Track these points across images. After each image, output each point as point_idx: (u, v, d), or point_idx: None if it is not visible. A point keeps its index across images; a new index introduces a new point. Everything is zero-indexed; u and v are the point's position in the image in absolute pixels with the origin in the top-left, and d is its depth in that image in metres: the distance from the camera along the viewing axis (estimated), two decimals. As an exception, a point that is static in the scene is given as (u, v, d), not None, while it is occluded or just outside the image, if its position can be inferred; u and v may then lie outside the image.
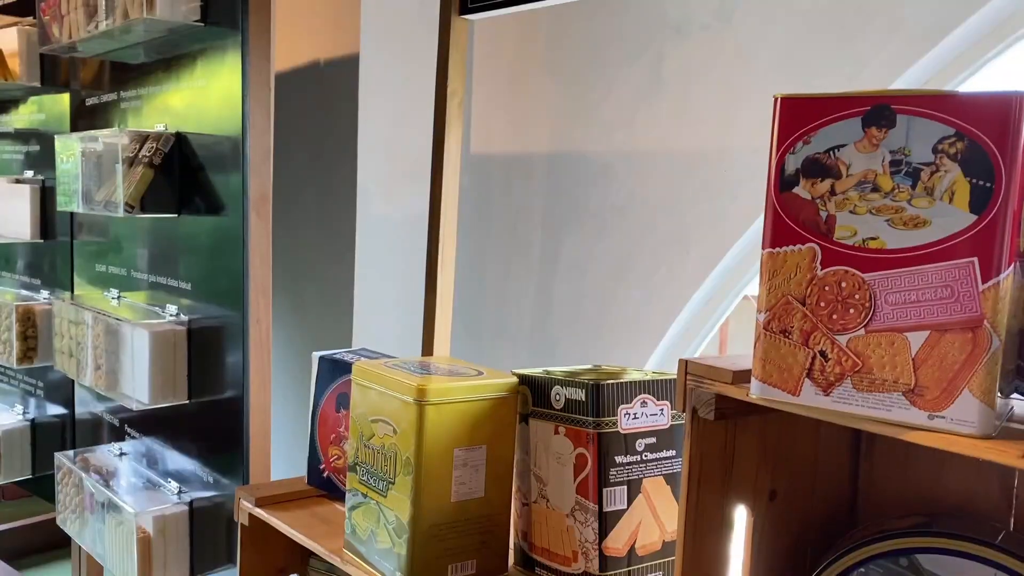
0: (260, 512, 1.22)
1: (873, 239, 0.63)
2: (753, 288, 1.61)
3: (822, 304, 0.65)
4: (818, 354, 0.66)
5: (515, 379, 1.04)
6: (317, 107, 2.22)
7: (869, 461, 0.92)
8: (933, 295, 0.61)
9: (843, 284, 0.64)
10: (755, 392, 0.69)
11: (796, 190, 0.66)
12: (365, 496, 1.05)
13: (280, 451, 1.74)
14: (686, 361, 0.78)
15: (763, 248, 0.68)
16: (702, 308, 1.70)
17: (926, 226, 0.61)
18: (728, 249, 1.61)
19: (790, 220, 0.66)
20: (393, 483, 1.00)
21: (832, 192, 0.65)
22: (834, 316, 0.65)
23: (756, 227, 1.56)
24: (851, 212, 0.64)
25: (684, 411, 0.78)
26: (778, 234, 0.67)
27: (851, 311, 0.64)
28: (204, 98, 1.55)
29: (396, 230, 2.12)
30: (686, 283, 1.66)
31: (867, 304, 0.63)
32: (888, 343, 0.63)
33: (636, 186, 1.70)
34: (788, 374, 0.67)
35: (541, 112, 1.86)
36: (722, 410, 0.75)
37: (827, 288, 0.65)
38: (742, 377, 0.73)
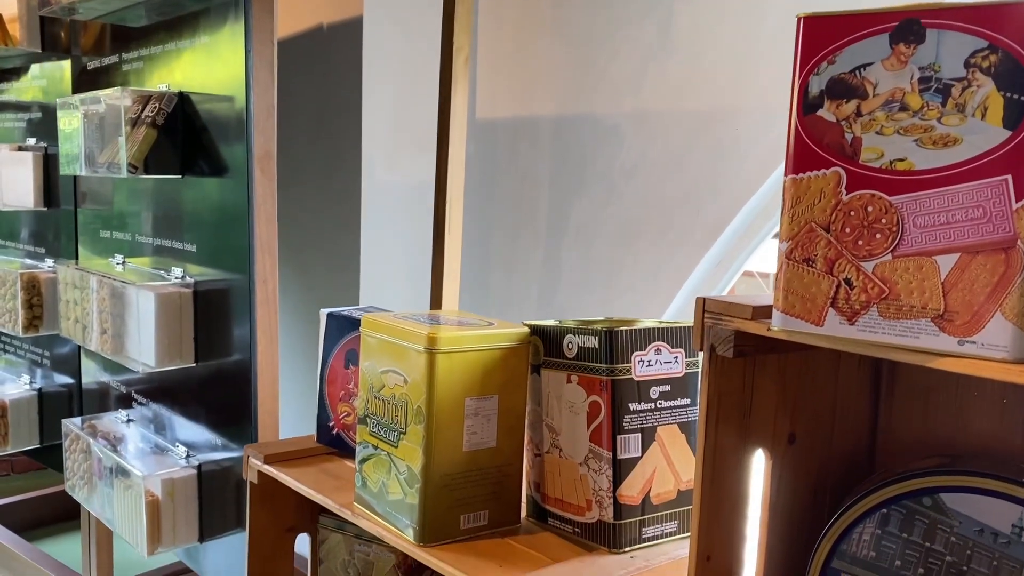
0: (269, 469, 1.21)
1: (901, 160, 0.61)
2: (763, 253, 1.59)
3: (847, 230, 0.63)
4: (843, 282, 0.64)
5: (526, 329, 1.03)
6: (320, 74, 2.20)
7: (889, 406, 0.90)
8: (964, 216, 0.59)
9: (869, 208, 0.62)
10: (777, 324, 0.67)
11: (820, 112, 0.64)
12: (376, 448, 1.04)
13: (288, 416, 1.73)
14: (704, 299, 0.76)
15: (785, 175, 0.66)
16: (712, 271, 1.69)
17: (957, 144, 0.59)
18: (738, 210, 1.58)
19: (814, 144, 0.64)
20: (404, 433, 0.99)
21: (858, 113, 0.62)
22: (860, 242, 0.63)
23: (767, 187, 1.54)
24: (878, 133, 0.62)
25: (702, 350, 0.76)
26: (801, 159, 0.65)
27: (877, 236, 0.62)
28: (207, 57, 1.53)
29: (402, 198, 2.10)
30: (696, 246, 1.64)
31: (894, 228, 0.61)
32: (916, 268, 0.61)
33: (645, 148, 1.68)
34: (811, 304, 0.65)
35: (547, 74, 1.83)
36: (741, 348, 0.74)
37: (852, 213, 0.63)
38: (762, 313, 0.71)
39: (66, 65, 1.99)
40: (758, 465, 0.82)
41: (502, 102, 1.94)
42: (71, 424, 1.87)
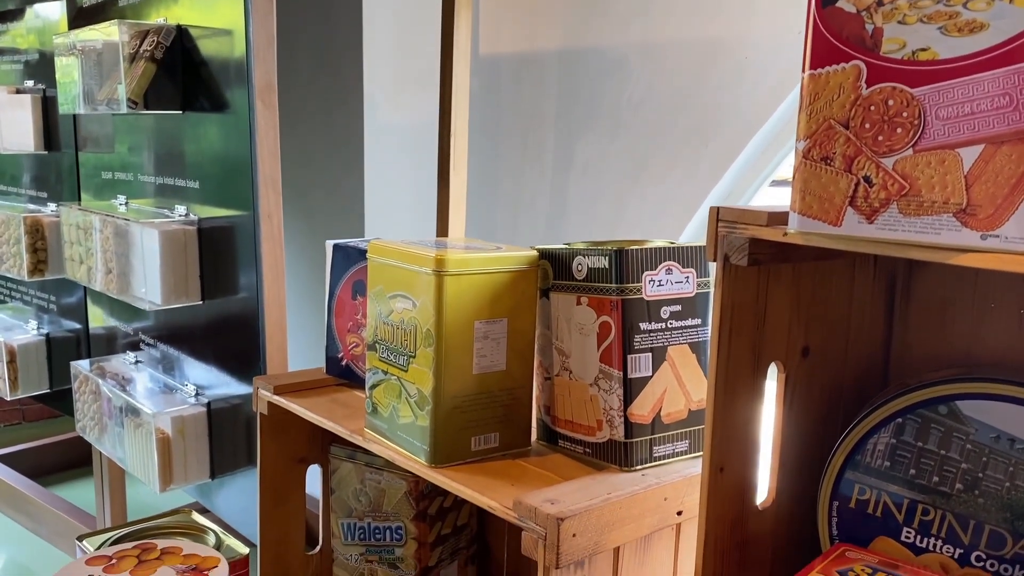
0: (279, 399, 1.21)
1: (924, 50, 0.59)
2: (771, 191, 1.57)
3: (867, 126, 0.62)
4: (862, 180, 0.62)
5: (535, 252, 1.01)
6: (320, 10, 2.15)
7: (904, 318, 0.89)
8: (989, 105, 0.57)
9: (890, 102, 0.60)
10: (793, 226, 0.66)
11: (840, 4, 0.62)
12: (386, 373, 1.03)
13: (297, 352, 1.73)
14: (718, 208, 0.75)
15: (803, 71, 0.64)
16: (721, 204, 1.66)
17: (983, 30, 0.56)
18: (748, 141, 1.56)
19: (833, 37, 0.62)
20: (414, 356, 0.98)
21: (879, 2, 0.60)
22: (880, 138, 0.61)
23: (776, 117, 1.51)
24: (899, 23, 0.60)
25: (715, 259, 0.74)
26: (819, 53, 0.63)
27: (898, 131, 0.60)
28: (204, -12, 1.50)
29: (405, 135, 2.07)
30: (704, 179, 1.62)
31: (916, 122, 0.60)
32: (938, 162, 0.59)
33: (652, 80, 1.64)
34: (829, 204, 0.64)
35: (551, 7, 1.79)
36: (755, 256, 0.72)
37: (872, 108, 0.61)
38: (777, 220, 0.70)
39: (61, 4, 1.95)
40: (772, 378, 0.82)
41: (506, 37, 1.90)
42: (79, 366, 1.87)
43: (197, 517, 1.26)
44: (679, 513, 0.91)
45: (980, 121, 0.57)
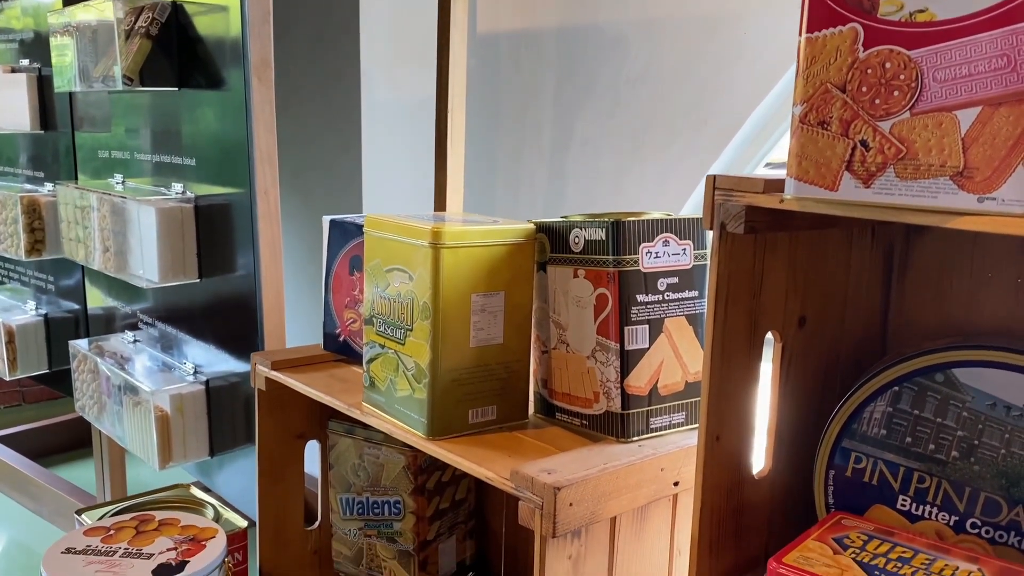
0: (276, 375, 1.21)
1: (921, 12, 0.58)
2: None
3: (864, 89, 0.61)
4: (858, 144, 0.62)
5: (532, 226, 1.01)
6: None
7: (901, 289, 0.89)
8: (987, 67, 0.56)
9: (887, 65, 0.60)
10: (790, 192, 0.66)
11: (837, -35, 0.61)
12: (383, 347, 1.03)
13: (295, 329, 1.73)
14: (714, 176, 0.74)
15: (800, 35, 0.64)
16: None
17: (981, -9, 0.56)
18: (746, 117, 1.55)
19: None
20: (411, 330, 0.98)
21: (877, -36, 0.60)
22: (876, 101, 0.61)
23: (775, 93, 1.50)
24: (898, -16, 0.59)
25: (711, 228, 0.74)
26: (816, 16, 0.62)
27: (895, 94, 0.60)
28: (199, -37, 1.48)
29: (403, 114, 2.06)
30: (703, 155, 1.61)
31: (913, 84, 0.59)
32: (935, 124, 0.59)
33: (651, 56, 1.64)
34: (826, 168, 0.63)
35: (550, -19, 1.78)
36: (752, 224, 0.72)
37: (870, 71, 0.61)
38: (774, 187, 0.70)
39: (56, -18, 1.94)
40: (768, 348, 0.82)
41: (504, 14, 1.89)
42: (78, 345, 1.87)
43: (196, 491, 1.26)
44: (676, 484, 0.91)
45: (978, 83, 0.57)
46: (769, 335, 0.81)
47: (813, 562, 0.68)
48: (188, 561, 0.95)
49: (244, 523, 1.16)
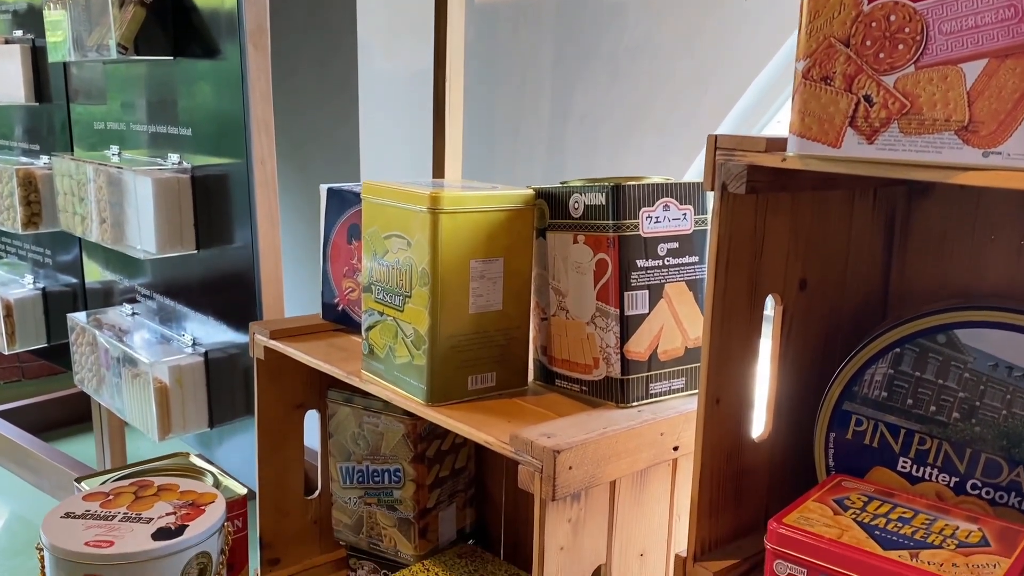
0: (275, 344, 1.20)
1: (927, -37, 0.57)
2: (775, 126, 1.55)
3: (868, 43, 0.60)
4: (862, 99, 0.61)
5: (531, 192, 1.00)
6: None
7: (902, 253, 0.88)
8: (993, 18, 0.55)
9: (892, 18, 0.59)
10: (792, 149, 0.65)
11: (842, -84, 0.60)
12: (381, 314, 1.03)
13: (293, 300, 1.73)
14: (716, 136, 0.73)
15: (803, -12, 0.63)
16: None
17: (988, -61, 0.55)
18: (747, 88, 1.54)
19: (835, -49, 0.61)
20: (410, 296, 0.97)
21: (883, -86, 0.58)
22: (881, 55, 0.60)
23: (775, 62, 1.49)
24: (903, -65, 0.58)
25: (713, 189, 0.73)
26: (821, -31, 0.61)
27: (900, 47, 0.59)
28: (193, -70, 1.46)
29: (401, 86, 2.05)
30: (703, 126, 1.60)
31: (918, 37, 0.58)
32: (940, 78, 0.58)
33: (651, 26, 1.62)
34: (829, 124, 0.63)
35: (549, -53, 1.75)
36: (753, 183, 0.71)
37: (874, 24, 0.60)
38: (776, 146, 0.69)
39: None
40: (769, 311, 0.81)
41: (502, -16, 1.87)
42: (76, 318, 1.87)
43: (195, 460, 1.26)
44: (675, 449, 0.91)
45: (984, 35, 0.56)
46: (770, 298, 0.80)
47: (813, 522, 0.68)
48: (187, 525, 0.95)
49: (243, 490, 1.17)
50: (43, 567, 0.94)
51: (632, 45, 1.67)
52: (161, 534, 0.92)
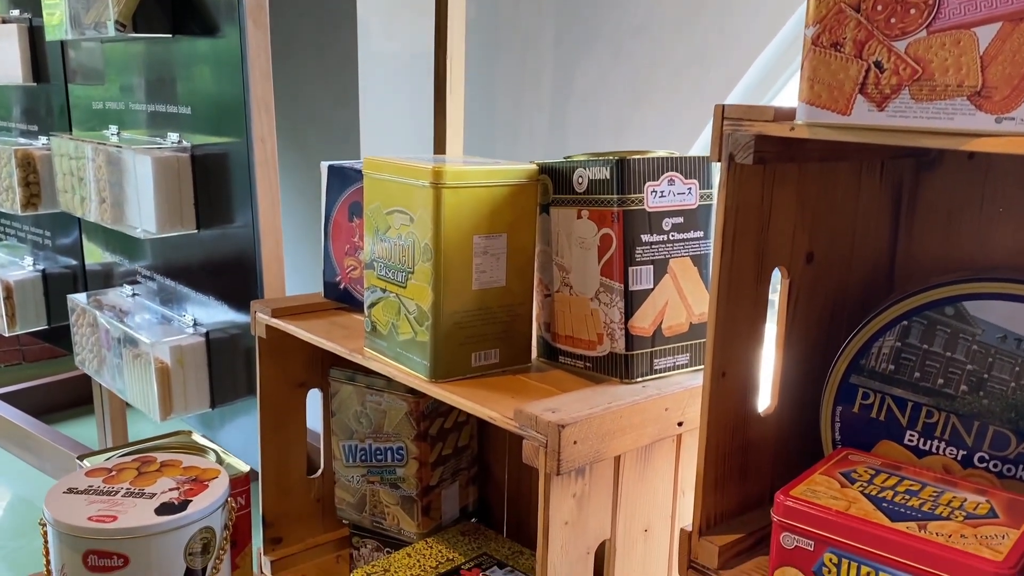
0: (277, 322, 1.20)
1: (941, -76, 0.56)
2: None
3: (879, 8, 0.59)
4: (873, 65, 0.60)
5: (534, 167, 0.99)
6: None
7: (909, 226, 0.88)
8: (1007, -20, 0.54)
9: (904, -19, 0.58)
10: (801, 117, 0.64)
11: None
12: (384, 291, 1.02)
13: (295, 279, 1.72)
14: (723, 105, 0.73)
15: (814, -47, 0.62)
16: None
17: (1004, -100, 0.54)
18: (749, 66, 1.53)
19: (846, -86, 0.59)
20: (412, 272, 0.97)
21: None
22: (892, 20, 0.59)
23: (778, 41, 1.48)
24: None
25: (720, 159, 0.73)
26: (831, -67, 0.60)
27: (912, 12, 0.58)
28: (191, -95, 1.45)
29: (401, 65, 2.03)
30: (706, 105, 1.59)
31: (931, 1, 0.57)
32: (953, 43, 0.57)
33: (653, 5, 1.60)
34: (839, 92, 0.62)
35: (551, -77, 1.74)
36: (761, 153, 0.70)
37: (885, -11, 0.59)
38: (784, 115, 0.68)
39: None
40: (775, 284, 0.80)
41: (503, -39, 1.85)
42: (76, 299, 1.86)
43: (198, 437, 1.26)
44: (680, 424, 0.91)
45: (998, -2, 0.55)
46: (776, 271, 0.79)
47: (820, 495, 0.67)
48: (191, 500, 0.94)
49: (246, 467, 1.16)
50: (46, 543, 0.93)
51: (634, 24, 1.65)
52: (164, 509, 0.92)
